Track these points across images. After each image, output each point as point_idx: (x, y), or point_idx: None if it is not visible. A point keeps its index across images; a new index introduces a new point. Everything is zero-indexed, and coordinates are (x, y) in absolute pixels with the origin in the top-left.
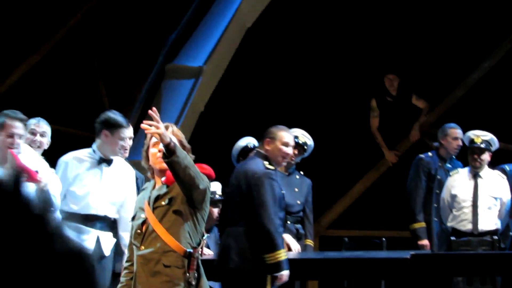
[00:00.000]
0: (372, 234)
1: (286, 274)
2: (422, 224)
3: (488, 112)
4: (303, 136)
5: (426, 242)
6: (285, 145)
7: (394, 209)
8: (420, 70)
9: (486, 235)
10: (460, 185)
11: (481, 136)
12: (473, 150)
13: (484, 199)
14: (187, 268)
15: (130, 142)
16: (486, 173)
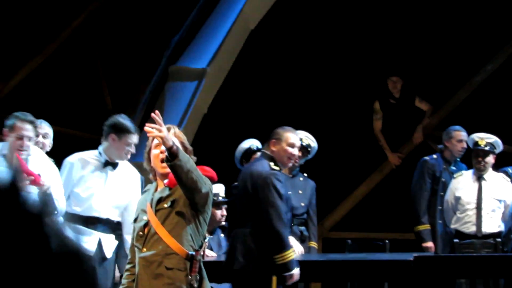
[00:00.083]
0: (375, 236)
1: (296, 273)
2: (427, 226)
3: (491, 114)
4: (307, 138)
5: (430, 244)
6: (291, 146)
7: (397, 211)
8: (423, 73)
9: (489, 238)
10: (464, 187)
11: (485, 138)
12: (477, 152)
13: (488, 202)
14: (189, 270)
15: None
16: (490, 175)
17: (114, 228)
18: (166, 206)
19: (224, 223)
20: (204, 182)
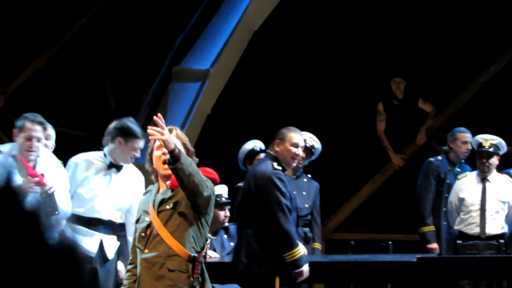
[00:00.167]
0: (378, 238)
1: (306, 270)
2: (431, 227)
3: (495, 115)
4: (311, 139)
5: (435, 245)
6: (294, 146)
7: (400, 212)
8: (426, 74)
9: (492, 239)
10: (468, 188)
11: (489, 140)
12: (481, 154)
13: (492, 203)
14: (192, 272)
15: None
16: (494, 177)
17: (116, 229)
18: (168, 207)
19: (227, 224)
20: (206, 186)
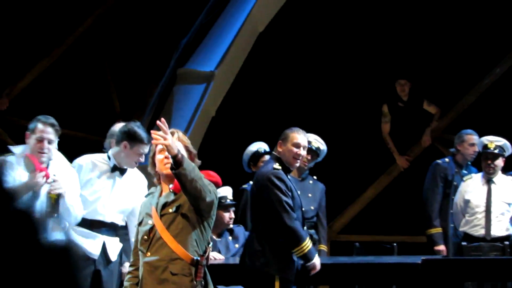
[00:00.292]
0: (383, 239)
1: (317, 263)
2: (439, 229)
3: (500, 117)
4: (316, 141)
5: (442, 247)
6: (295, 146)
7: (405, 214)
8: (431, 75)
9: (497, 241)
10: (473, 190)
11: (494, 141)
12: (486, 155)
13: (497, 205)
14: (195, 276)
15: None
16: (500, 178)
17: (119, 231)
18: (171, 211)
19: (232, 226)
20: (209, 191)
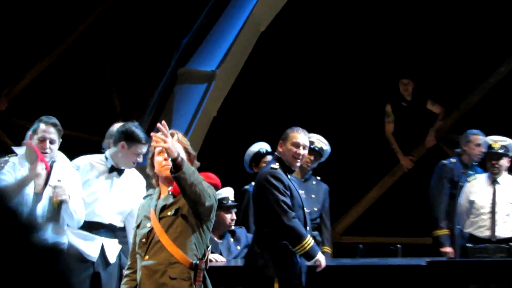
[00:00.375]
0: (387, 241)
1: (322, 260)
2: (445, 231)
3: (505, 117)
4: (319, 141)
5: (449, 249)
6: (295, 145)
7: (409, 215)
8: (435, 75)
9: (503, 242)
10: (478, 191)
11: (499, 141)
12: (491, 155)
13: (502, 206)
14: (193, 280)
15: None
16: (505, 179)
17: (118, 233)
18: (170, 214)
19: (233, 227)
20: (208, 195)
